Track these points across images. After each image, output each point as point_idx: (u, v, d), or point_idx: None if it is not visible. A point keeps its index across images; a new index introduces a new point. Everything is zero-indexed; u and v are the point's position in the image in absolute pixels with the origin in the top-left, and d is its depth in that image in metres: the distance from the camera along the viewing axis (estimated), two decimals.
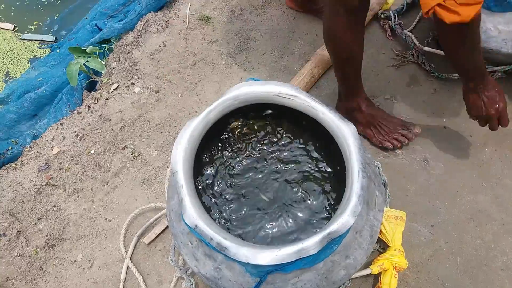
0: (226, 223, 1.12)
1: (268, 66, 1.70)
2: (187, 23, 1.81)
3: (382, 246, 1.26)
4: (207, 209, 1.12)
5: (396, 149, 1.45)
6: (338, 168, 1.18)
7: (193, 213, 0.90)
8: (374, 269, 1.16)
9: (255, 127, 1.25)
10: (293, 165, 1.20)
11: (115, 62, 1.77)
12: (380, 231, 1.20)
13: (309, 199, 1.15)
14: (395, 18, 1.72)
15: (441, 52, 1.55)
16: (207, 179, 1.17)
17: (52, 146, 1.50)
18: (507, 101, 1.53)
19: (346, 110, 1.46)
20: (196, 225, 0.89)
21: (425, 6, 0.93)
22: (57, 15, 2.36)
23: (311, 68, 1.65)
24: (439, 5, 0.90)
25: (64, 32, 2.33)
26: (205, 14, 1.83)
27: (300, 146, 1.22)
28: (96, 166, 1.45)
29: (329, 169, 1.19)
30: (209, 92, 1.63)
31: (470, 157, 1.44)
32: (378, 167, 1.34)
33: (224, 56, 1.72)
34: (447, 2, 0.89)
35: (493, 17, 1.37)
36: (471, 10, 0.90)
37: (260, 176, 1.20)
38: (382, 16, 1.76)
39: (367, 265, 1.19)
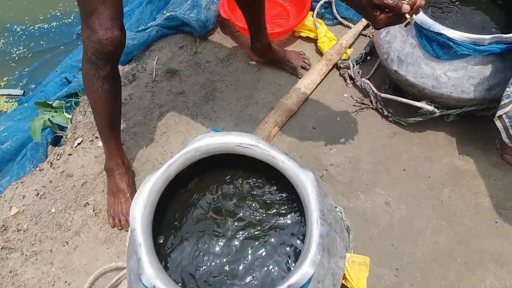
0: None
1: (233, 115, 1.74)
2: (154, 76, 1.85)
3: None
4: (167, 267, 1.11)
5: None
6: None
7: (151, 273, 0.89)
8: None
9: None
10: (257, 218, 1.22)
11: (81, 116, 1.78)
12: (345, 278, 1.20)
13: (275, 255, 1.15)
14: (353, 67, 1.81)
15: (398, 98, 1.63)
16: (167, 235, 1.16)
17: (11, 206, 1.47)
18: (460, 142, 1.62)
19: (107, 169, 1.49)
20: (154, 286, 0.87)
21: None
22: (27, 69, 2.38)
23: (275, 116, 1.69)
24: None
25: (33, 86, 2.33)
26: (172, 67, 1.88)
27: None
28: (56, 225, 1.42)
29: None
30: (175, 143, 1.64)
31: (430, 197, 1.49)
32: (341, 212, 1.36)
33: (190, 107, 1.76)
34: None
35: (443, 64, 1.46)
36: None
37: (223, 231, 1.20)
38: (341, 65, 1.85)
39: None
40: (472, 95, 1.46)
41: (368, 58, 1.88)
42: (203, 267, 1.12)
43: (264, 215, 1.21)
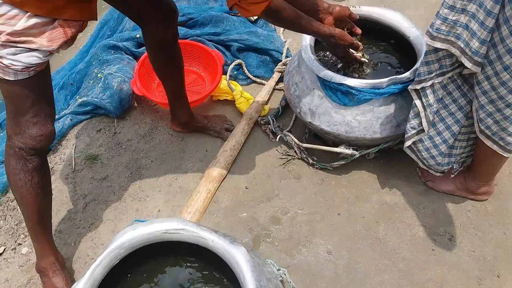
0: None
1: (163, 191, 1.70)
2: (73, 165, 1.78)
3: None
4: None
5: None
6: None
7: None
8: None
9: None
10: None
11: (2, 221, 1.65)
12: None
13: None
14: (273, 121, 1.86)
15: (318, 147, 1.68)
16: None
17: None
18: (385, 177, 1.69)
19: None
20: None
21: (228, 3, 1.21)
22: None
23: (206, 184, 1.68)
24: (236, 4, 1.19)
25: None
26: (92, 153, 1.82)
27: None
28: None
29: None
30: (105, 233, 1.56)
31: (368, 237, 1.52)
32: (285, 274, 1.33)
33: (117, 191, 1.69)
34: (241, 2, 1.18)
35: (351, 110, 1.54)
36: (259, 8, 1.19)
37: None
38: (262, 122, 1.89)
39: None
40: (384, 133, 1.55)
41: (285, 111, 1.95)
42: None
43: None
